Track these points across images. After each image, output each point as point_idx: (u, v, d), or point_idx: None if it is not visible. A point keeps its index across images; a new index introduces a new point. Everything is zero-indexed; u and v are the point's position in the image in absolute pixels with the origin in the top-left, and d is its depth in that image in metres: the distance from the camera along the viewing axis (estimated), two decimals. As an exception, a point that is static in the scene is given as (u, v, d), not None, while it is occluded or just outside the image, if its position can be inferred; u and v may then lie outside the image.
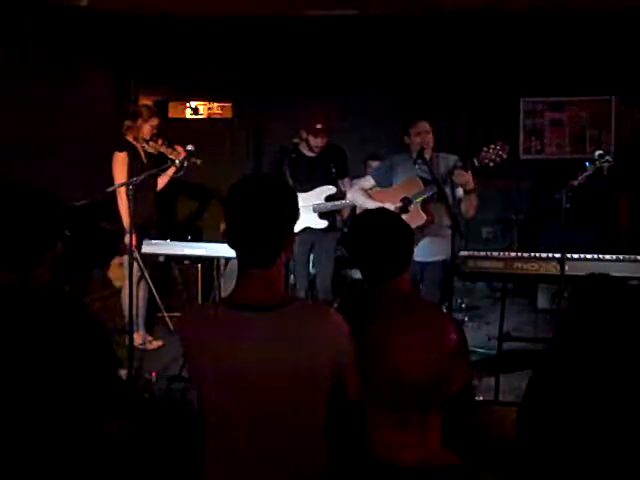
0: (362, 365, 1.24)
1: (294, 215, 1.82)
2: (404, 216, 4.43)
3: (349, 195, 4.78)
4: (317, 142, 4.82)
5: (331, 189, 4.96)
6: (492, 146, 4.17)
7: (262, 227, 1.72)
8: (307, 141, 4.86)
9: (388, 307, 1.30)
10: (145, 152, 5.13)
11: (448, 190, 4.24)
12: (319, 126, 4.75)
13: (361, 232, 2.24)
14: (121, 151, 5.01)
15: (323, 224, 4.97)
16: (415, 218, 4.24)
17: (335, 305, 4.84)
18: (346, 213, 5.31)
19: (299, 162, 4.92)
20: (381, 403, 1.22)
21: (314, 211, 4.95)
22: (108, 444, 1.82)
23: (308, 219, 4.93)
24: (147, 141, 5.11)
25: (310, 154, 4.93)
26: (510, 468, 2.15)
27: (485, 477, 1.21)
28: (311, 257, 5.24)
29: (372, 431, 1.25)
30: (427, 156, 4.30)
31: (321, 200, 4.97)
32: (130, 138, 5.08)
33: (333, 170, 4.92)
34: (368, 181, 4.65)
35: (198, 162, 4.98)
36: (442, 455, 1.23)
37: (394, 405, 1.21)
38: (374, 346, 1.22)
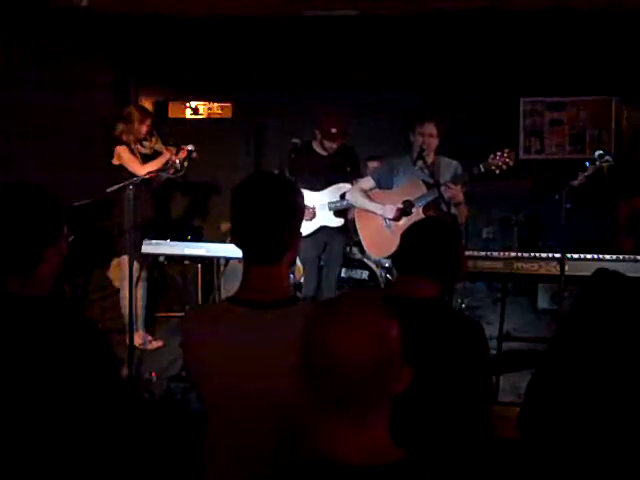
0: (304, 355, 1.24)
1: (300, 214, 1.83)
2: (405, 219, 4.43)
3: (348, 195, 4.78)
4: (332, 145, 4.85)
5: (347, 186, 4.94)
6: (499, 153, 4.16)
7: (268, 224, 1.73)
8: (322, 142, 4.88)
9: (340, 302, 1.31)
10: (140, 153, 5.13)
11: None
12: (334, 130, 4.77)
13: (417, 225, 2.34)
14: (121, 145, 5.03)
15: (339, 222, 4.99)
16: None
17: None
18: (351, 214, 5.30)
19: (312, 160, 4.95)
20: (320, 396, 1.22)
21: (330, 209, 4.96)
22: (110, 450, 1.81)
23: (324, 217, 4.95)
24: (141, 141, 5.12)
25: (324, 153, 4.95)
26: (511, 468, 2.15)
27: (428, 473, 1.22)
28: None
29: (317, 429, 1.24)
30: (428, 159, 4.29)
31: (337, 197, 4.97)
32: (124, 140, 5.08)
33: (348, 169, 4.95)
34: (368, 182, 4.64)
35: (194, 154, 4.99)
36: (388, 451, 1.22)
37: (335, 398, 1.21)
38: (314, 335, 1.23)
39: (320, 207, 4.95)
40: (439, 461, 1.27)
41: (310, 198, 4.89)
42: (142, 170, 4.84)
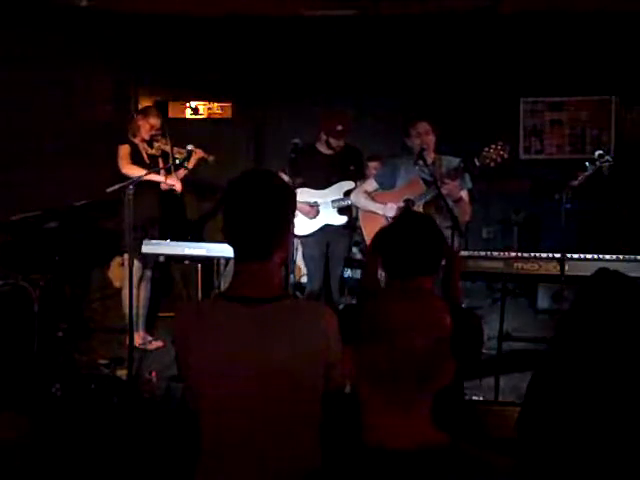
0: (360, 335, 1.26)
1: (290, 211, 1.84)
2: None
3: (352, 197, 4.79)
4: (338, 143, 4.87)
5: (350, 184, 4.95)
6: (493, 146, 4.16)
7: (257, 220, 1.74)
8: (327, 142, 4.88)
9: (390, 289, 1.34)
10: (147, 154, 5.13)
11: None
12: (340, 128, 4.79)
13: (397, 228, 2.34)
14: (123, 144, 5.04)
15: (342, 220, 4.99)
16: None
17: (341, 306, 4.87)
18: (353, 213, 5.30)
19: (315, 160, 4.94)
20: (375, 375, 1.23)
21: (333, 207, 4.96)
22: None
23: (327, 216, 4.96)
24: (149, 142, 5.12)
25: (328, 152, 4.94)
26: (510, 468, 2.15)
27: (472, 454, 1.23)
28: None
29: (365, 414, 1.26)
30: (429, 158, 4.29)
31: (340, 195, 4.97)
32: (130, 135, 5.10)
33: (352, 168, 4.95)
34: (371, 184, 4.65)
35: (210, 159, 5.05)
36: (431, 434, 1.24)
37: (388, 376, 1.22)
38: (373, 313, 1.26)
39: (324, 205, 4.96)
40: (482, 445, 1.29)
41: (314, 196, 4.91)
42: (126, 169, 4.87)
